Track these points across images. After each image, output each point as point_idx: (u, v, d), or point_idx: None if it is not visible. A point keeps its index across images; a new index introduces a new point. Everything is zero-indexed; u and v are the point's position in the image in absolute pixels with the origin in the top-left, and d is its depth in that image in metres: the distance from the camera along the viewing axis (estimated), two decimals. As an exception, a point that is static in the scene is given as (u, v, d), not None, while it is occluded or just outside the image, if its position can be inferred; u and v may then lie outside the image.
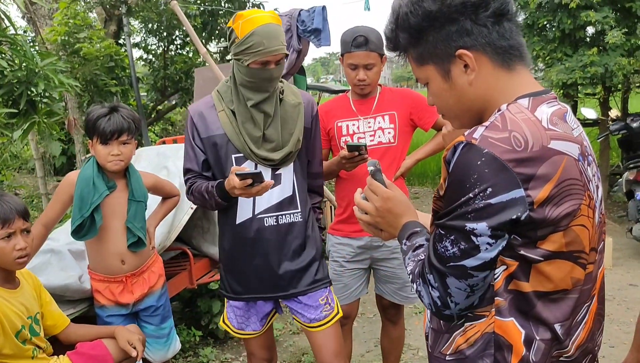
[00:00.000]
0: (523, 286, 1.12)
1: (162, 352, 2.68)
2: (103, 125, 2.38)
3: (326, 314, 2.32)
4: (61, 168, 8.95)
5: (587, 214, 1.12)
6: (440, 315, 1.19)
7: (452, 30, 1.15)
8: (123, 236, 2.49)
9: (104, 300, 2.53)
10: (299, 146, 2.24)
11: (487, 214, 1.05)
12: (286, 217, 2.23)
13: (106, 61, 7.14)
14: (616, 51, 5.85)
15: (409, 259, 1.25)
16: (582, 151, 1.14)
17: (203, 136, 2.20)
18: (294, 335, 4.09)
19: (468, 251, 1.08)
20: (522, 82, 1.17)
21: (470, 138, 1.08)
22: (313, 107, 2.33)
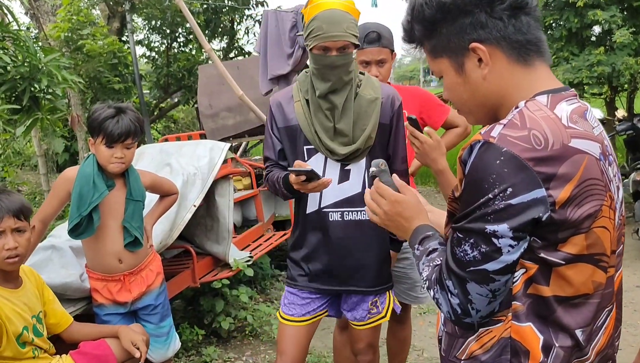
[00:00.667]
0: (543, 291, 1.08)
1: (162, 350, 2.65)
2: (111, 128, 2.35)
3: (370, 316, 2.30)
4: (64, 164, 8.94)
5: (608, 215, 1.08)
6: (460, 323, 1.13)
7: (466, 22, 1.12)
8: (120, 235, 2.46)
9: (102, 299, 2.50)
10: (369, 143, 2.15)
11: (508, 216, 1.00)
12: (352, 214, 2.18)
13: (109, 58, 7.12)
14: (623, 50, 5.81)
15: (423, 264, 1.20)
16: (603, 151, 1.10)
17: (280, 126, 2.21)
18: (297, 334, 4.06)
19: (489, 255, 1.03)
20: (539, 79, 1.13)
21: (488, 137, 1.04)
22: (394, 102, 2.20)
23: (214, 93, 6.16)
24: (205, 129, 6.35)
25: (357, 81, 2.18)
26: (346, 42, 2.04)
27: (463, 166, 1.08)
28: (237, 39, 10.30)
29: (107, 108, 2.39)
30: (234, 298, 3.99)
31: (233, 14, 9.88)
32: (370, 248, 2.22)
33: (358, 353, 2.42)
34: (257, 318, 4.02)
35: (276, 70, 3.96)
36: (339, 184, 2.14)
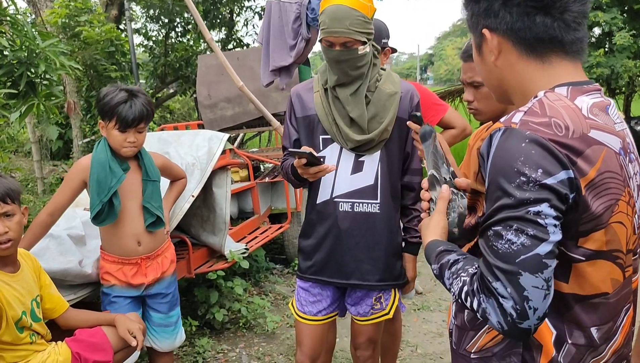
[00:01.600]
0: (561, 287, 1.07)
1: (169, 340, 2.65)
2: (124, 112, 2.34)
3: (374, 312, 2.30)
4: (57, 152, 8.87)
5: (625, 211, 1.07)
6: (514, 332, 1.01)
7: (483, 7, 1.14)
8: (140, 216, 2.47)
9: (115, 280, 2.49)
10: (385, 135, 2.15)
11: (546, 195, 0.98)
12: (362, 206, 2.17)
13: (106, 45, 7.06)
14: (623, 52, 5.83)
15: (449, 279, 1.14)
16: (624, 146, 1.09)
17: (298, 116, 2.24)
18: (291, 327, 4.05)
19: (538, 237, 0.98)
20: (557, 75, 1.12)
21: (510, 123, 1.04)
22: (413, 98, 2.20)
23: (213, 83, 6.12)
24: (204, 120, 6.31)
25: (377, 76, 2.18)
26: (349, 39, 2.04)
27: (484, 158, 1.06)
28: (236, 30, 10.25)
29: (118, 92, 2.37)
30: (229, 290, 3.98)
31: (232, 5, 9.84)
32: (378, 242, 2.20)
33: (358, 348, 2.41)
34: (251, 311, 4.01)
35: (278, 61, 3.93)
36: (352, 174, 2.15)
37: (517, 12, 1.09)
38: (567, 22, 1.09)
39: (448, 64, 63.27)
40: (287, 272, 5.15)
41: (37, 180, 7.87)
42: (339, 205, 2.18)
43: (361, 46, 2.07)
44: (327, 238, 2.22)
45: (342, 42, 2.05)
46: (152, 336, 2.61)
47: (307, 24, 3.78)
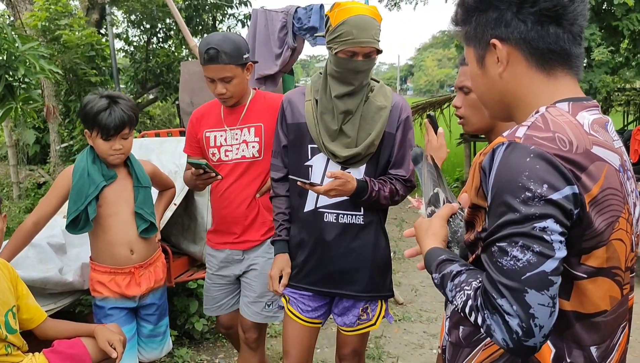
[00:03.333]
0: (562, 304, 1.06)
1: (156, 351, 2.62)
2: (105, 120, 2.30)
3: (360, 322, 2.30)
4: (34, 156, 8.71)
5: (625, 228, 1.07)
6: (520, 350, 0.99)
7: (493, 17, 1.12)
8: (132, 223, 2.44)
9: (108, 292, 2.44)
10: (371, 149, 2.17)
11: (552, 211, 0.96)
12: (347, 217, 2.19)
13: (87, 49, 6.99)
14: (601, 68, 5.94)
15: (451, 291, 1.12)
16: (622, 163, 1.10)
17: (289, 122, 2.26)
18: (271, 338, 4.02)
19: (544, 253, 0.96)
20: (560, 89, 1.12)
21: (513, 137, 1.02)
22: (401, 112, 2.21)
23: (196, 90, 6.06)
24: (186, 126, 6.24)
25: (370, 86, 2.22)
26: (372, 49, 2.07)
27: (486, 172, 1.05)
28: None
29: (99, 99, 2.34)
30: (209, 300, 3.93)
31: (215, 12, 9.80)
32: (362, 253, 2.21)
33: (343, 359, 2.40)
34: (231, 321, 3.96)
35: (264, 70, 3.92)
36: None
37: (531, 22, 1.09)
38: (574, 35, 1.10)
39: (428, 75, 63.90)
40: (267, 281, 5.11)
41: (12, 185, 7.73)
42: (324, 216, 2.20)
43: (376, 55, 2.12)
44: (314, 247, 2.23)
45: (366, 52, 2.07)
46: (139, 347, 2.56)
47: (294, 33, 3.78)
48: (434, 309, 4.52)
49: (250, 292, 2.62)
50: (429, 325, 4.21)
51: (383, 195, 2.16)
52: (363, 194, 2.12)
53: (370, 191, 2.12)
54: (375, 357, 3.64)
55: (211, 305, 2.76)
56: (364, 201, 2.14)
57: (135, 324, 2.53)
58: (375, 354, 3.67)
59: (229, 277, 2.67)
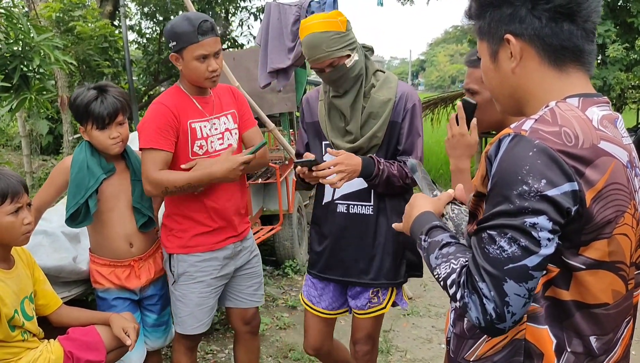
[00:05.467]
0: (562, 294, 1.08)
1: (161, 340, 2.63)
2: (97, 109, 2.28)
3: (371, 306, 2.39)
4: (47, 146, 8.80)
5: (630, 223, 1.08)
6: (490, 330, 1.04)
7: (507, 12, 1.12)
8: (130, 217, 2.42)
9: (109, 284, 2.44)
10: (374, 142, 2.25)
11: (546, 207, 0.98)
12: (357, 208, 2.31)
13: (100, 41, 7.01)
14: (615, 65, 5.89)
15: (437, 259, 1.15)
16: (631, 160, 1.10)
17: (307, 121, 2.43)
18: (280, 330, 4.04)
19: (529, 249, 0.99)
20: (571, 85, 1.12)
21: (519, 130, 1.04)
22: (407, 101, 2.26)
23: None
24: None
25: (372, 81, 2.27)
26: (332, 60, 2.15)
27: (490, 161, 1.06)
28: (231, 30, 10.23)
29: (87, 91, 2.32)
30: (219, 291, 3.96)
31: (227, 5, 9.81)
32: (371, 243, 2.31)
33: (357, 343, 2.47)
34: (240, 312, 3.99)
35: (276, 63, 3.91)
36: None
37: (546, 18, 1.09)
38: (587, 32, 1.10)
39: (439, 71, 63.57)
40: (277, 274, 5.14)
41: (25, 174, 7.80)
42: (338, 206, 2.34)
43: (347, 59, 2.18)
44: (327, 237, 2.38)
45: (327, 64, 2.16)
46: (144, 336, 2.58)
47: (307, 27, 3.77)
48: (443, 304, 4.52)
49: (255, 279, 2.67)
50: (438, 320, 4.21)
51: (392, 172, 2.20)
52: (372, 167, 2.17)
53: (377, 163, 2.18)
54: (384, 350, 3.66)
55: (206, 318, 2.52)
56: (376, 177, 2.18)
57: (139, 314, 2.54)
58: (384, 348, 3.69)
59: (228, 275, 2.55)
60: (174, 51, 2.29)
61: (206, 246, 2.45)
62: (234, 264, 2.56)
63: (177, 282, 2.48)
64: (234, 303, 2.65)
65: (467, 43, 7.93)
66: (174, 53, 2.30)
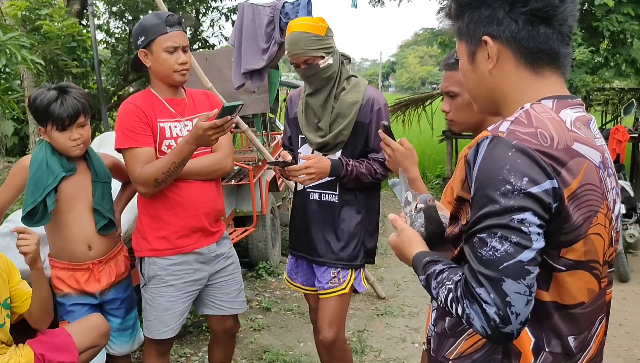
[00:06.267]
0: (542, 295, 1.10)
1: (127, 344, 2.57)
2: (57, 111, 2.24)
3: (331, 286, 2.57)
4: (13, 148, 8.59)
5: (603, 223, 1.11)
6: (498, 337, 1.03)
7: (485, 14, 1.14)
8: (90, 219, 2.37)
9: (68, 289, 2.39)
10: (340, 138, 2.48)
11: (531, 204, 1.00)
12: (327, 196, 2.55)
13: (68, 40, 6.88)
14: (581, 68, 6.02)
15: (435, 289, 1.15)
16: (603, 161, 1.13)
17: (290, 117, 2.68)
18: (255, 332, 4.03)
19: (521, 244, 1.00)
20: (546, 87, 1.15)
21: (497, 132, 1.06)
22: (374, 104, 2.46)
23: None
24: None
25: (344, 85, 2.50)
26: (307, 57, 2.39)
27: (470, 165, 1.08)
28: (202, 30, 10.15)
29: (47, 92, 2.27)
30: (192, 293, 3.92)
31: (198, 5, 9.73)
32: (336, 227, 2.54)
33: (320, 332, 2.60)
34: (214, 315, 3.96)
35: (250, 64, 3.89)
36: None
37: (522, 21, 1.11)
38: (563, 35, 1.13)
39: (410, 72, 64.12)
40: (250, 276, 5.11)
41: (-10, 176, 7.59)
42: (310, 195, 2.58)
43: (321, 60, 2.40)
44: (301, 220, 2.63)
45: (302, 60, 2.41)
46: (110, 341, 2.52)
47: (281, 28, 3.77)
48: (416, 304, 4.56)
49: (234, 285, 2.64)
50: (411, 320, 4.25)
51: (360, 171, 2.45)
52: (340, 169, 2.43)
53: (345, 165, 2.43)
54: (358, 350, 3.68)
55: (174, 323, 2.48)
56: (345, 177, 2.44)
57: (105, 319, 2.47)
58: (358, 348, 3.71)
59: (201, 280, 2.51)
60: (142, 46, 2.31)
61: (177, 249, 2.42)
62: (209, 269, 2.52)
63: (147, 285, 2.46)
64: (213, 310, 2.63)
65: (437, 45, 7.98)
66: (142, 49, 2.31)
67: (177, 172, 2.29)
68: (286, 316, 4.35)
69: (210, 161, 2.44)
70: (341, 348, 2.62)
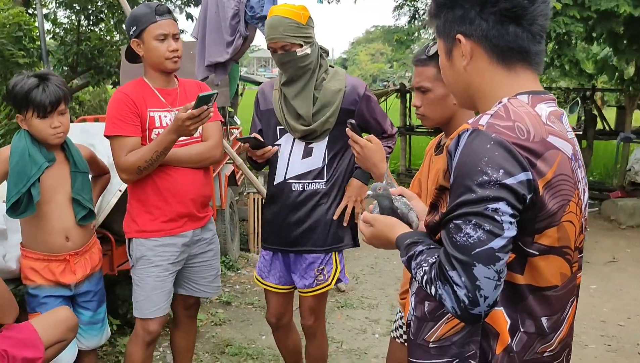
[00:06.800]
0: (517, 278, 1.17)
1: (96, 338, 2.56)
2: (39, 97, 2.23)
3: (318, 283, 2.56)
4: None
5: (575, 211, 1.18)
6: (466, 317, 1.09)
7: (458, 14, 1.21)
8: (68, 210, 2.36)
9: (41, 280, 2.35)
10: (327, 126, 2.47)
11: (505, 194, 1.06)
12: (312, 185, 2.51)
13: (14, 30, 6.64)
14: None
15: (414, 269, 1.21)
16: (574, 152, 1.21)
17: (262, 109, 2.60)
18: (216, 326, 4.01)
19: (493, 232, 1.06)
20: (520, 83, 1.21)
21: (477, 125, 1.11)
22: (358, 89, 2.49)
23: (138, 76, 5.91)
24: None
25: (324, 75, 2.49)
26: (285, 43, 2.36)
27: (451, 155, 1.13)
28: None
29: (27, 78, 2.26)
30: (152, 288, 3.87)
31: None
32: (322, 212, 2.51)
33: (302, 317, 2.69)
34: (174, 309, 3.92)
35: (214, 57, 3.86)
36: (302, 159, 2.50)
37: (492, 21, 1.17)
38: (533, 34, 1.19)
39: (361, 69, 64.60)
40: (208, 270, 5.08)
41: None
42: (292, 185, 2.52)
43: (298, 48, 2.38)
44: (279, 212, 2.54)
45: (280, 46, 2.38)
46: (79, 335, 2.49)
47: (246, 22, 3.76)
48: (375, 296, 4.65)
49: (211, 271, 2.72)
50: (370, 311, 4.33)
51: None
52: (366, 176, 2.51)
53: None
54: (320, 342, 3.72)
55: (163, 302, 2.54)
56: None
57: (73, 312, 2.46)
58: (320, 340, 3.75)
59: (182, 261, 2.60)
60: (135, 36, 2.38)
61: (164, 231, 2.49)
62: (189, 251, 2.59)
63: (135, 267, 2.52)
64: (187, 291, 2.70)
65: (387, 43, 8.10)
66: (135, 39, 2.39)
67: (159, 160, 2.35)
68: (247, 310, 4.35)
69: (200, 149, 2.51)
70: (322, 336, 2.74)
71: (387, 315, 4.22)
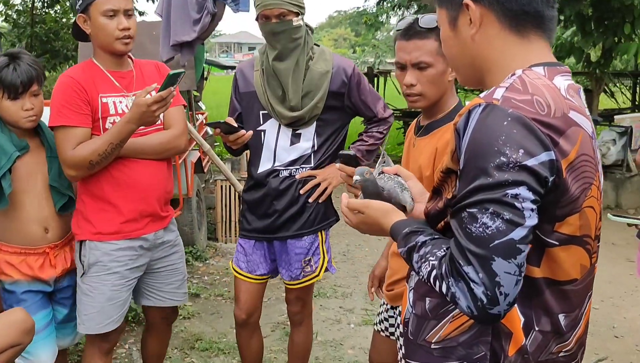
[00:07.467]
0: (533, 271, 1.05)
1: (69, 337, 2.40)
2: (10, 77, 2.07)
3: (305, 274, 2.44)
4: None
5: (596, 196, 1.08)
6: (484, 317, 0.98)
7: None
8: (48, 199, 2.20)
9: (18, 275, 2.18)
10: (316, 111, 2.33)
11: (526, 177, 0.94)
12: (300, 171, 2.38)
13: (-38, 10, 6.27)
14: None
15: (417, 263, 1.09)
16: (593, 131, 1.10)
17: (242, 91, 2.41)
18: (185, 320, 3.85)
19: (514, 221, 0.94)
20: (534, 52, 1.10)
21: (491, 99, 0.99)
22: (346, 70, 2.34)
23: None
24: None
25: (310, 54, 2.34)
26: (282, 10, 2.19)
27: (460, 134, 1.01)
28: None
29: None
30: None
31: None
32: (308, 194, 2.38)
33: (288, 304, 2.62)
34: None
35: (180, 36, 3.64)
36: (290, 146, 2.36)
37: None
38: None
39: (325, 55, 64.41)
40: (175, 261, 4.90)
41: None
42: (280, 172, 2.37)
43: (295, 17, 2.22)
44: (263, 199, 2.39)
45: (276, 14, 2.20)
46: None
47: (213, -1, 3.55)
48: (348, 284, 4.56)
49: (177, 276, 2.46)
50: (344, 300, 4.24)
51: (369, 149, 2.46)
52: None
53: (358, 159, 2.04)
54: (294, 334, 3.60)
55: (117, 314, 2.26)
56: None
57: (51, 309, 2.31)
58: (295, 331, 3.63)
59: (142, 267, 2.32)
60: (80, 11, 2.09)
61: (123, 234, 2.21)
62: (151, 256, 2.33)
63: (87, 274, 2.21)
64: (153, 302, 2.45)
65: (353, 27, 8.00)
66: (81, 14, 2.10)
67: (114, 154, 2.09)
68: (216, 302, 4.20)
69: (162, 138, 2.23)
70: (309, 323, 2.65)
71: (362, 304, 4.13)
